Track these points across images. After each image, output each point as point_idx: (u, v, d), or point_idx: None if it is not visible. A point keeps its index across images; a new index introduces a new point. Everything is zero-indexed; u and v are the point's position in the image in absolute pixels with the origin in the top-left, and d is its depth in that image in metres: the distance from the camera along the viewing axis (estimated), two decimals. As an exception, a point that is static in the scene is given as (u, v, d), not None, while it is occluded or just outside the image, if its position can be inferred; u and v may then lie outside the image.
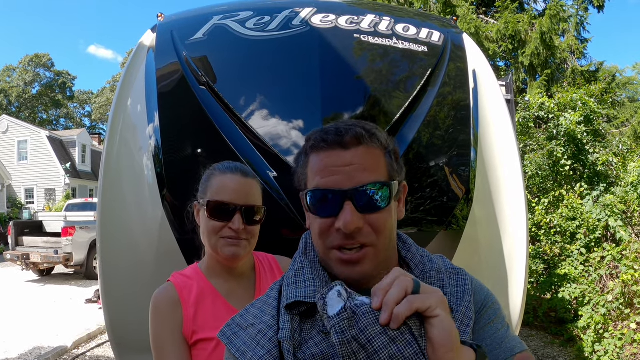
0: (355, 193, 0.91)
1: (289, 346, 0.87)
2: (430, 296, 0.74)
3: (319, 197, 0.94)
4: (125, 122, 2.58)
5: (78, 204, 16.21)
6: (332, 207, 0.92)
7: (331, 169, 0.93)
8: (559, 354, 5.74)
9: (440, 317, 0.73)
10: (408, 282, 0.75)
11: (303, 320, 0.93)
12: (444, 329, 0.72)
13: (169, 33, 2.69)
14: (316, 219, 0.96)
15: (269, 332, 0.92)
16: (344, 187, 0.91)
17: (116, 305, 2.41)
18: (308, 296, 0.92)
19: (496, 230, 2.56)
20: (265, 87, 2.40)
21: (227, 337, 0.97)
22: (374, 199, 0.92)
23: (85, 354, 6.25)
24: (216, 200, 1.51)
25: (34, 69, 53.59)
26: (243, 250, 1.52)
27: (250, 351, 0.91)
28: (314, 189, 0.94)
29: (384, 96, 2.38)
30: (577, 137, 7.13)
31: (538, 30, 11.84)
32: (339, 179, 0.92)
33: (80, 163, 31.59)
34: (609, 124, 11.62)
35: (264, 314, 0.97)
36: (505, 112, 2.75)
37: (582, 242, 6.30)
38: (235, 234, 1.49)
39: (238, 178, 1.55)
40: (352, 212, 0.90)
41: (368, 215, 0.91)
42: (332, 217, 0.92)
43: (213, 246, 1.52)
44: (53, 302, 9.19)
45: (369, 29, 2.63)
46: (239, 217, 1.50)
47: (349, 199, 0.90)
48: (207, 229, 1.53)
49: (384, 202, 0.93)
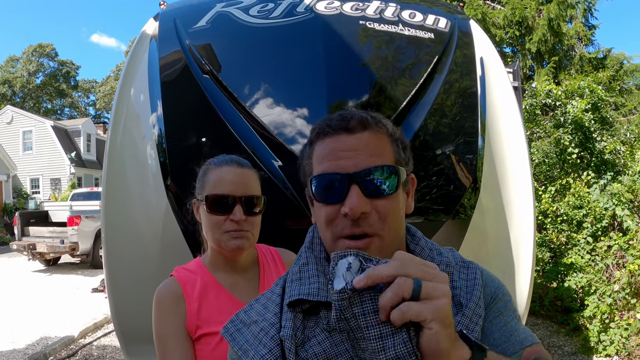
0: (361, 176, 0.88)
1: (291, 345, 0.86)
2: (427, 307, 0.68)
3: (325, 182, 0.91)
4: (128, 111, 2.57)
5: (83, 193, 16.23)
6: (338, 192, 0.89)
7: (337, 154, 0.91)
8: (565, 342, 5.73)
9: (432, 331, 0.68)
10: (406, 287, 0.69)
11: (306, 318, 0.91)
12: (435, 342, 0.68)
13: (172, 21, 2.67)
14: (322, 207, 0.93)
15: (271, 330, 0.90)
16: (350, 170, 0.89)
17: (121, 296, 2.41)
18: (311, 294, 0.90)
19: (503, 219, 2.54)
20: (270, 75, 2.37)
21: (230, 334, 0.96)
22: (381, 183, 0.89)
23: (92, 343, 6.29)
24: (214, 194, 1.49)
25: (37, 58, 53.52)
26: (247, 242, 1.50)
27: (252, 349, 0.90)
28: (319, 174, 0.92)
29: (390, 84, 2.35)
30: (584, 124, 7.07)
31: (545, 16, 11.71)
32: (344, 163, 0.90)
33: (85, 152, 31.68)
34: (616, 111, 11.50)
35: (267, 311, 0.95)
36: (513, 100, 2.72)
37: (589, 231, 6.26)
38: (237, 225, 1.47)
39: (234, 169, 1.53)
40: (359, 196, 0.87)
41: (375, 201, 0.88)
42: (339, 204, 0.89)
43: (217, 241, 1.50)
44: (59, 291, 9.25)
45: (375, 15, 2.59)
46: (239, 208, 1.47)
47: (355, 183, 0.88)
48: (209, 224, 1.50)
49: (391, 188, 0.90)
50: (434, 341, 0.68)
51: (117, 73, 53.13)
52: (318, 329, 0.88)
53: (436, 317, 0.68)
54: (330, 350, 0.85)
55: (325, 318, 0.89)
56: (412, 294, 0.69)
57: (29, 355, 5.65)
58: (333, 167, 0.90)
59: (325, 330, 0.87)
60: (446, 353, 0.69)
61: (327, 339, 0.86)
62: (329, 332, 0.87)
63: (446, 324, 0.69)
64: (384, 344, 0.70)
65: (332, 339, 0.86)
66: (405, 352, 0.69)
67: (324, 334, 0.87)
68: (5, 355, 5.69)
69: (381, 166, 0.90)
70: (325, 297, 0.89)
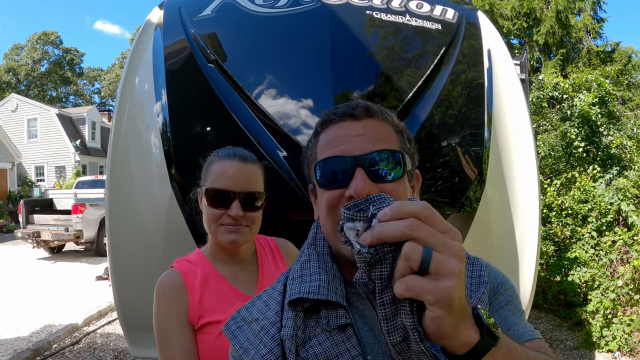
0: (367, 159, 0.87)
1: (291, 345, 0.85)
2: (432, 287, 0.59)
3: (329, 166, 0.90)
4: (133, 100, 2.56)
5: (88, 181, 16.28)
6: (342, 176, 0.88)
7: (341, 139, 0.90)
8: (567, 337, 5.73)
9: (434, 315, 0.61)
10: (414, 257, 0.59)
11: (307, 316, 0.90)
12: (436, 326, 0.62)
13: (177, 10, 2.65)
14: (325, 193, 0.91)
15: (272, 329, 0.89)
16: (355, 153, 0.88)
17: (125, 285, 2.42)
18: (312, 292, 0.89)
19: (508, 212, 2.53)
20: (275, 65, 2.35)
21: (231, 331, 0.96)
22: (387, 167, 0.88)
23: (95, 331, 6.34)
24: (214, 188, 1.50)
25: (42, 46, 53.50)
26: (243, 237, 1.51)
27: (253, 349, 0.89)
28: (324, 159, 0.91)
29: (396, 74, 2.33)
30: (591, 118, 7.02)
31: (554, 8, 11.61)
32: (349, 147, 0.89)
33: (90, 140, 31.73)
34: (623, 105, 11.41)
35: (268, 309, 0.94)
36: (520, 92, 2.69)
37: (594, 226, 6.23)
38: (234, 220, 1.48)
39: (236, 164, 1.53)
40: (364, 178, 0.85)
41: (380, 185, 0.87)
42: (342, 189, 0.88)
43: (213, 233, 1.52)
44: (64, 279, 9.32)
45: (382, 5, 2.56)
46: (237, 203, 1.48)
47: (360, 166, 0.86)
48: (207, 216, 1.52)
49: (397, 173, 0.89)
50: (434, 325, 0.62)
51: (122, 61, 53.12)
52: (319, 329, 0.87)
53: (440, 301, 0.59)
54: (331, 350, 0.84)
55: (326, 318, 0.88)
56: (420, 266, 0.59)
57: (33, 342, 5.70)
58: (338, 152, 0.90)
59: (326, 330, 0.86)
60: (448, 335, 0.63)
61: (327, 339, 0.85)
62: (329, 332, 0.86)
63: (452, 309, 0.61)
64: (393, 311, 0.64)
65: (333, 339, 0.85)
66: (410, 324, 0.63)
67: (325, 334, 0.86)
68: (10, 342, 5.74)
69: (387, 150, 0.89)
70: (325, 295, 0.88)
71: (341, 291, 0.90)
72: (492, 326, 0.66)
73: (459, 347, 0.65)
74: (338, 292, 0.90)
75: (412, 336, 0.64)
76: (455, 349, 0.65)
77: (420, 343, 0.64)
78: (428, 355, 0.65)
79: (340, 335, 0.85)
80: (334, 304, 0.88)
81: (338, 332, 0.86)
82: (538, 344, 0.90)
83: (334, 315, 0.88)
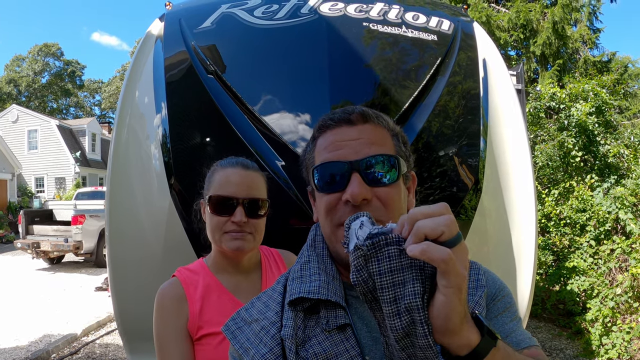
0: (362, 164, 0.90)
1: (292, 344, 0.86)
2: (446, 259, 0.63)
3: (326, 171, 0.93)
4: (133, 111, 2.58)
5: (88, 192, 16.29)
6: (339, 180, 0.91)
7: (338, 144, 0.93)
8: (567, 346, 5.72)
9: (444, 299, 0.64)
10: (445, 228, 0.65)
11: (307, 317, 0.91)
12: (445, 315, 0.65)
13: (177, 22, 2.68)
14: (323, 197, 0.94)
15: (272, 329, 0.91)
16: (351, 158, 0.91)
17: (124, 295, 2.42)
18: (312, 292, 0.90)
19: (505, 221, 2.54)
20: (274, 76, 2.39)
21: (231, 331, 0.97)
22: (382, 171, 0.91)
23: (94, 342, 6.32)
24: (218, 195, 1.50)
25: (43, 58, 53.72)
26: (247, 244, 1.51)
27: (253, 348, 0.90)
28: (321, 164, 0.94)
29: (393, 85, 2.36)
30: (588, 128, 7.05)
31: (550, 19, 11.69)
32: (345, 152, 0.92)
33: (90, 152, 31.75)
34: (620, 115, 11.47)
35: (268, 309, 0.96)
36: (516, 102, 2.72)
37: (592, 234, 6.24)
38: (238, 227, 1.49)
39: (239, 171, 1.54)
40: (360, 183, 0.88)
41: (376, 189, 0.90)
42: (340, 192, 0.91)
43: (217, 241, 1.52)
44: (63, 290, 9.29)
45: (378, 17, 2.60)
46: (240, 210, 1.49)
47: (356, 171, 0.90)
48: (211, 225, 1.52)
49: (392, 176, 0.92)
50: (444, 313, 0.64)
51: (123, 73, 53.27)
52: (318, 329, 0.89)
53: (456, 284, 0.64)
54: (330, 350, 0.85)
55: (325, 317, 0.89)
56: (448, 240, 0.66)
57: (31, 352, 5.68)
58: (334, 157, 0.93)
59: (325, 330, 0.88)
60: (455, 330, 0.66)
61: (327, 339, 0.87)
62: (328, 332, 0.87)
63: (461, 296, 0.65)
64: (398, 307, 0.66)
65: (332, 339, 0.86)
66: (415, 306, 0.65)
67: (324, 333, 0.87)
68: (9, 352, 5.72)
69: (382, 155, 0.92)
70: (325, 295, 0.89)
71: (340, 292, 0.92)
72: (491, 328, 0.71)
73: (462, 347, 0.67)
74: (337, 292, 0.91)
75: (418, 331, 0.66)
76: (458, 350, 0.68)
77: (429, 336, 0.66)
78: (433, 350, 0.67)
79: (339, 335, 0.87)
80: (333, 304, 0.90)
81: (337, 332, 0.87)
82: (536, 352, 0.91)
83: (333, 316, 0.89)
